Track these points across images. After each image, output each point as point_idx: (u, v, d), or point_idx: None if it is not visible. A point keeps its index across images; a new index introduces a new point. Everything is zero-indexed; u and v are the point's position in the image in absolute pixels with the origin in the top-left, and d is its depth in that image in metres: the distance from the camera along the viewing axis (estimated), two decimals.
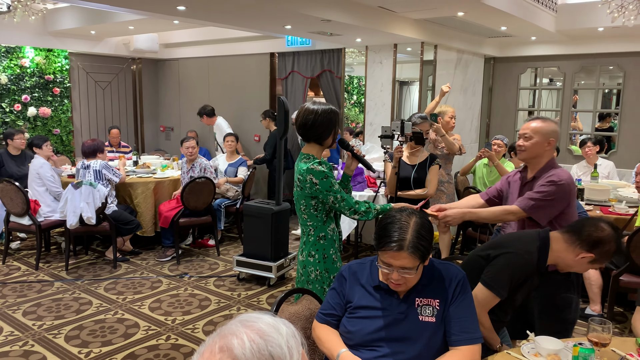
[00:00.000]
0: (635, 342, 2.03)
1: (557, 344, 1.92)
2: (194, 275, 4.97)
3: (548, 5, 5.65)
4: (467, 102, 6.93)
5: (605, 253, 2.01)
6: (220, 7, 4.10)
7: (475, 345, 1.79)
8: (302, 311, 2.16)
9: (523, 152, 2.65)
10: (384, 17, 5.05)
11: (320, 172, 2.46)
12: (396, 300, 1.83)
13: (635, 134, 6.47)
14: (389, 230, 1.74)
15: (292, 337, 0.86)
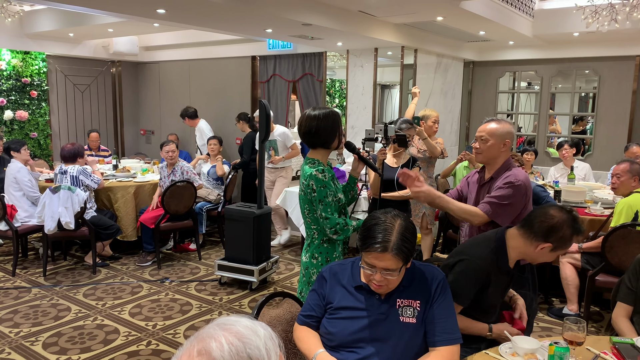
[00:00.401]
0: (609, 340, 2.08)
1: (534, 344, 1.95)
2: (175, 280, 4.93)
3: (525, 11, 5.76)
4: (447, 105, 7.02)
5: (561, 239, 2.02)
6: (200, 11, 4.09)
7: (454, 346, 1.81)
8: (284, 314, 2.16)
9: (480, 154, 2.68)
10: (364, 21, 5.09)
11: (320, 180, 2.47)
12: (377, 301, 1.84)
13: (610, 137, 6.63)
14: (374, 232, 1.75)
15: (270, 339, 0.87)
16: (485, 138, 2.64)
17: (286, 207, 5.58)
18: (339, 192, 2.59)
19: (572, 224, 2.02)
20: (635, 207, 3.75)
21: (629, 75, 6.42)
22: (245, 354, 0.82)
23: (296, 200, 5.49)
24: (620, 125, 6.52)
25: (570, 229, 2.01)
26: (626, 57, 6.38)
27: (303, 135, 2.57)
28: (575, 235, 2.02)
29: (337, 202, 2.55)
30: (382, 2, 4.33)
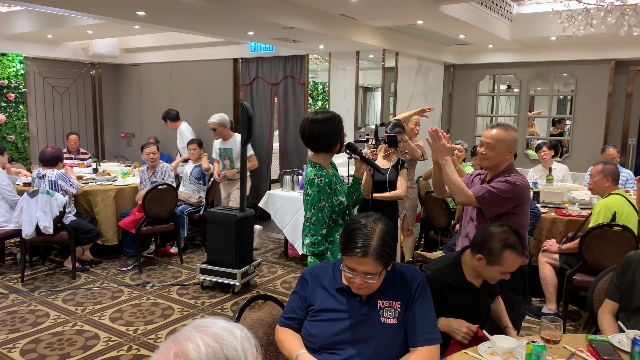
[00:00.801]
0: (585, 338, 2.12)
1: (512, 342, 1.99)
2: (157, 284, 4.89)
3: (504, 15, 5.85)
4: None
5: (489, 250, 2.11)
6: (180, 13, 4.07)
7: (434, 346, 1.84)
8: (265, 317, 2.16)
9: (486, 160, 2.72)
10: (345, 24, 5.12)
11: (315, 185, 2.50)
12: (358, 302, 1.86)
13: (587, 139, 6.76)
14: (355, 236, 1.76)
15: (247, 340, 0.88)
16: (492, 145, 2.68)
17: (269, 209, 5.58)
18: (341, 195, 2.60)
19: (503, 237, 2.10)
20: (613, 208, 3.83)
21: (605, 78, 6.56)
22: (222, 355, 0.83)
23: (279, 202, 5.49)
24: (597, 127, 6.66)
25: (500, 243, 2.09)
26: (602, 61, 6.51)
27: (307, 140, 2.59)
28: (506, 249, 2.09)
29: (338, 205, 2.57)
30: (363, 6, 4.36)
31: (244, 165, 4.74)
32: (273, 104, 7.07)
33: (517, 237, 2.13)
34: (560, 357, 1.94)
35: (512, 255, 2.10)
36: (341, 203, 2.59)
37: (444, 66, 7.41)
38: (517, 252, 2.10)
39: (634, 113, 6.66)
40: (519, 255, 2.11)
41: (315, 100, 10.51)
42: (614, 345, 2.06)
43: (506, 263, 2.11)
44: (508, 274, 2.16)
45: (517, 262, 2.12)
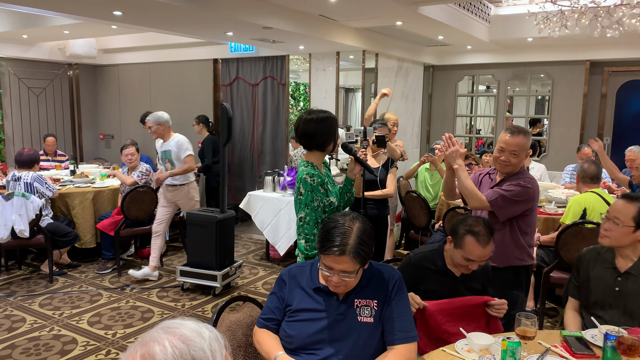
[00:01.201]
0: (560, 334, 2.16)
1: (488, 339, 2.01)
2: (136, 287, 4.84)
3: (481, 17, 5.92)
4: (408, 108, 7.13)
5: (455, 232, 2.25)
6: (158, 13, 4.03)
7: (411, 344, 1.85)
8: (244, 319, 2.15)
9: (509, 166, 2.71)
10: (325, 25, 5.13)
11: (308, 184, 2.54)
12: (335, 301, 1.86)
13: (564, 139, 6.88)
14: (332, 235, 1.77)
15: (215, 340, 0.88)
16: (517, 152, 2.69)
17: (249, 210, 5.56)
18: (332, 196, 2.62)
19: (469, 223, 2.23)
20: (583, 205, 3.91)
21: (580, 79, 6.69)
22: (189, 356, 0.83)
23: (260, 203, 5.48)
24: (573, 127, 6.78)
25: (465, 228, 2.22)
26: (577, 62, 6.64)
27: (300, 137, 2.62)
28: (468, 234, 2.19)
29: (329, 206, 2.59)
30: (342, 7, 4.38)
31: (224, 164, 4.72)
32: (254, 104, 7.05)
33: (486, 229, 2.22)
34: (535, 353, 1.97)
35: (472, 242, 2.19)
36: (332, 204, 2.61)
37: (423, 67, 7.47)
38: (477, 240, 2.19)
39: (608, 113, 6.80)
40: (480, 244, 2.19)
41: (297, 101, 10.51)
42: (588, 340, 2.10)
43: (466, 248, 2.21)
44: (472, 263, 2.23)
45: (478, 250, 2.19)
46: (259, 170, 6.95)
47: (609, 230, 2.32)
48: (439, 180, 5.69)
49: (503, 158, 2.71)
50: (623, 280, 2.32)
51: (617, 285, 2.32)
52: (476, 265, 2.25)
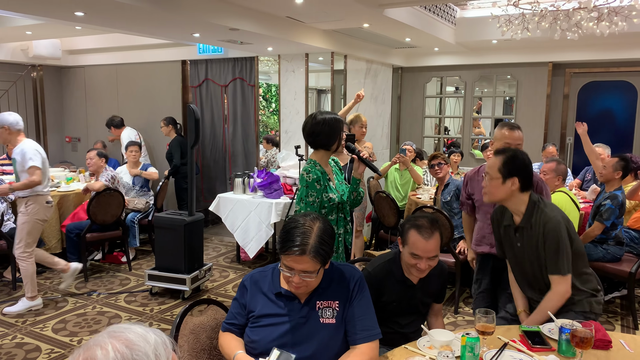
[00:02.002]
0: (518, 329, 2.22)
1: (448, 335, 2.05)
2: (104, 292, 4.75)
3: (447, 19, 6.02)
4: (378, 110, 7.20)
5: (402, 230, 2.25)
6: (121, 14, 3.97)
7: (373, 342, 1.87)
8: (208, 322, 2.15)
9: None
10: (293, 27, 5.14)
11: (304, 180, 2.68)
12: (297, 305, 1.87)
13: (528, 138, 7.02)
14: (292, 235, 1.77)
15: (162, 345, 0.88)
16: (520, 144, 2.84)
17: (220, 213, 5.53)
18: (332, 192, 2.75)
19: (413, 218, 2.23)
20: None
21: (543, 80, 6.87)
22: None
23: (230, 206, 5.45)
24: (537, 126, 6.96)
25: (409, 223, 2.22)
26: (540, 64, 6.82)
27: (307, 136, 2.77)
28: (411, 228, 2.19)
29: (327, 202, 2.72)
30: (308, 9, 4.39)
31: (192, 167, 4.68)
32: (224, 105, 7.01)
33: (429, 223, 2.18)
34: (495, 348, 2.02)
35: (415, 234, 2.16)
36: (331, 199, 2.72)
37: (392, 69, 7.55)
38: (419, 232, 2.15)
39: (570, 113, 7.00)
40: (422, 236, 2.15)
41: (269, 102, 10.48)
42: (545, 334, 2.16)
43: (410, 242, 2.18)
44: (420, 261, 2.17)
45: (420, 242, 2.14)
46: (231, 172, 6.92)
47: (485, 186, 2.47)
48: (409, 180, 5.77)
49: None
50: (519, 235, 2.43)
51: (517, 241, 2.46)
52: (424, 263, 2.18)
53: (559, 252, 2.30)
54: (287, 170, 5.67)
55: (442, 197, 4.76)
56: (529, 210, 2.38)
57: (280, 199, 5.28)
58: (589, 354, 2.00)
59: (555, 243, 2.30)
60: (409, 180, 5.79)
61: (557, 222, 2.32)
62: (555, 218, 2.33)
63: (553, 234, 2.30)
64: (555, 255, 2.31)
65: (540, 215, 2.35)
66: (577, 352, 1.94)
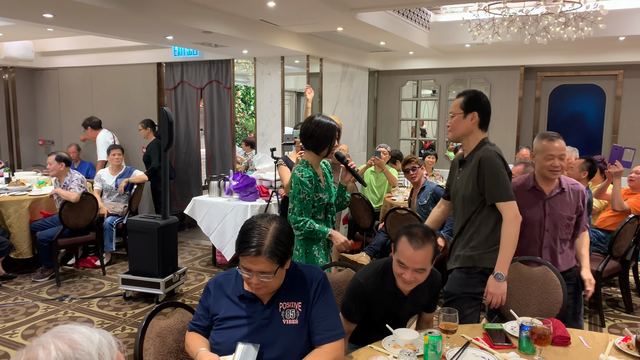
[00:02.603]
0: (482, 327, 2.27)
1: (413, 334, 2.09)
2: (76, 297, 4.69)
3: (421, 23, 6.11)
4: (354, 112, 7.26)
5: (397, 243, 2.15)
6: (91, 17, 3.94)
7: (338, 342, 1.89)
8: (175, 324, 2.15)
9: (558, 172, 2.75)
10: (267, 30, 5.15)
11: (297, 179, 2.77)
12: (260, 306, 1.88)
13: (502, 141, 7.17)
14: (248, 236, 1.78)
15: (107, 346, 0.89)
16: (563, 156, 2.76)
17: (195, 216, 5.50)
18: (322, 193, 2.84)
19: (406, 226, 2.19)
20: None
21: (515, 83, 7.01)
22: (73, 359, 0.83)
23: (205, 209, 5.43)
24: (510, 129, 7.09)
25: (402, 230, 2.17)
26: (512, 67, 6.95)
27: (301, 136, 2.87)
28: (402, 235, 2.13)
29: (317, 201, 2.82)
30: (281, 12, 4.42)
31: (165, 173, 4.66)
32: (199, 108, 6.98)
33: (422, 232, 2.11)
34: (458, 346, 2.06)
35: (405, 243, 2.09)
36: (321, 199, 2.82)
37: (368, 72, 7.62)
38: (409, 240, 2.08)
39: (542, 116, 7.15)
40: (411, 244, 2.07)
41: (247, 105, 10.47)
42: (507, 332, 2.21)
43: (399, 249, 2.11)
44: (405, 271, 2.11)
45: (408, 250, 2.07)
46: (210, 174, 6.89)
47: (449, 125, 2.61)
48: (385, 182, 5.83)
49: (556, 164, 2.71)
50: (462, 169, 2.63)
51: (458, 174, 2.65)
52: (409, 274, 2.09)
53: (497, 179, 2.44)
54: (263, 173, 5.67)
55: (419, 200, 4.79)
56: (478, 147, 2.55)
57: (256, 202, 5.28)
58: (549, 350, 2.05)
59: (490, 171, 2.44)
60: (384, 183, 5.85)
61: (492, 154, 2.46)
62: (491, 151, 2.48)
63: (487, 162, 2.45)
64: (494, 182, 2.44)
65: (482, 150, 2.51)
66: (536, 348, 1.99)
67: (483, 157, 2.46)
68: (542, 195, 2.81)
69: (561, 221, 2.80)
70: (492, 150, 2.50)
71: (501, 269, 2.47)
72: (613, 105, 6.76)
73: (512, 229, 2.45)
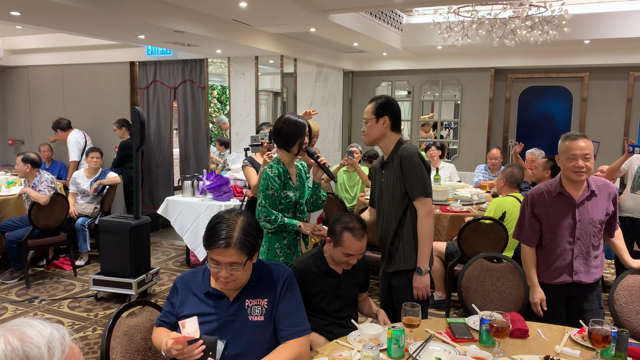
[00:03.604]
0: (445, 322, 2.34)
1: (377, 329, 2.14)
2: (46, 299, 4.63)
3: (394, 25, 6.19)
4: (329, 113, 7.31)
5: (333, 232, 2.38)
6: (60, 15, 3.89)
7: (303, 337, 1.93)
8: (143, 323, 2.16)
9: (584, 172, 2.54)
10: (240, 30, 5.17)
11: (266, 174, 2.81)
12: (226, 303, 1.91)
13: (473, 141, 7.32)
14: (217, 230, 1.81)
15: (59, 340, 0.91)
16: (589, 155, 2.55)
17: (168, 216, 5.48)
18: (290, 191, 2.86)
19: (345, 221, 2.37)
20: (504, 208, 4.17)
21: (486, 84, 7.15)
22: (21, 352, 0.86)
23: (179, 209, 5.41)
24: (481, 129, 7.23)
25: (342, 225, 2.36)
26: (483, 69, 7.10)
27: (272, 134, 2.99)
28: (345, 231, 2.33)
29: (284, 199, 2.84)
30: (254, 13, 4.44)
31: (137, 173, 4.63)
32: (172, 107, 6.94)
33: (360, 224, 2.38)
34: (421, 340, 2.12)
35: (350, 237, 2.33)
36: (288, 197, 2.84)
37: (343, 72, 7.68)
38: (354, 235, 2.33)
39: (512, 116, 7.31)
40: (356, 238, 2.33)
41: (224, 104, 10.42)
42: (469, 325, 2.29)
43: (345, 244, 2.34)
44: (352, 258, 2.37)
45: (355, 244, 2.33)
46: (183, 174, 6.85)
47: (364, 130, 2.68)
48: (358, 181, 5.89)
49: (580, 164, 2.52)
50: (385, 171, 2.69)
51: (382, 177, 2.70)
52: (355, 259, 2.39)
53: (416, 175, 2.53)
54: (237, 173, 5.67)
55: None
56: (395, 148, 2.62)
57: (230, 202, 5.28)
58: (508, 342, 2.13)
59: (410, 168, 2.54)
60: (357, 182, 5.91)
61: (412, 152, 2.55)
62: (411, 149, 2.57)
63: (407, 160, 2.54)
64: (413, 178, 2.54)
65: (401, 148, 2.59)
66: (495, 341, 2.06)
67: (403, 155, 2.55)
68: (570, 201, 2.60)
69: (593, 227, 2.61)
70: (410, 149, 2.58)
71: (421, 264, 2.57)
72: (580, 106, 6.96)
73: (426, 225, 2.54)
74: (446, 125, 8.14)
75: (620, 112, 6.75)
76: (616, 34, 5.65)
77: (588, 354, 2.02)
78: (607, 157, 6.22)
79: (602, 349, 1.96)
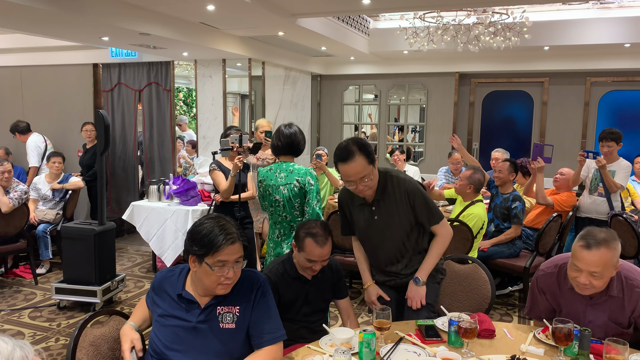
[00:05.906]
0: (415, 324, 2.37)
1: (348, 333, 2.16)
2: (5, 309, 4.47)
3: (361, 29, 6.25)
4: (298, 116, 7.32)
5: (297, 237, 2.42)
6: (19, 15, 3.76)
7: (277, 344, 1.93)
8: (110, 332, 2.11)
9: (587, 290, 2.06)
10: (208, 33, 5.12)
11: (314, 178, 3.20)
12: (197, 309, 1.89)
13: (438, 144, 7.46)
14: (215, 234, 1.81)
15: (22, 358, 0.89)
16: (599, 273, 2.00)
17: (134, 222, 5.36)
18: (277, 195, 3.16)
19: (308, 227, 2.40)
20: (483, 219, 4.21)
21: (451, 89, 7.30)
22: None
23: (145, 214, 5.30)
24: (446, 133, 7.37)
25: (304, 231, 2.39)
26: (448, 73, 7.24)
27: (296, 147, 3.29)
28: (307, 237, 2.36)
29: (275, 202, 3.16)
30: (221, 16, 4.41)
31: (102, 175, 4.53)
32: (137, 110, 6.81)
33: (323, 230, 2.39)
34: (392, 342, 2.15)
35: (311, 244, 2.35)
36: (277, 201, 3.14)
37: (311, 76, 7.70)
38: (316, 241, 2.34)
39: (476, 120, 7.49)
40: (318, 245, 2.35)
41: (190, 107, 10.29)
42: (438, 327, 2.33)
43: (307, 250, 2.36)
44: (315, 264, 2.38)
45: (317, 250, 2.34)
46: (148, 178, 6.73)
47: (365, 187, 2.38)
48: (327, 183, 5.91)
49: (585, 281, 2.03)
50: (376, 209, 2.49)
51: (374, 214, 2.50)
52: (319, 265, 2.39)
53: (428, 204, 2.48)
54: (204, 177, 5.61)
55: None
56: (382, 182, 2.44)
57: (198, 206, 5.21)
58: (476, 343, 2.18)
59: (421, 198, 2.47)
60: (326, 184, 5.93)
61: (414, 183, 2.50)
62: (409, 180, 2.51)
63: (416, 192, 2.47)
64: (426, 208, 2.48)
65: (396, 181, 2.47)
66: (464, 342, 2.11)
67: (410, 188, 2.45)
68: (581, 297, 2.17)
69: (612, 329, 2.14)
70: (405, 179, 2.48)
71: (421, 275, 2.52)
72: (540, 110, 7.18)
73: (446, 243, 2.53)
74: (412, 129, 8.26)
75: (578, 115, 7.00)
76: (574, 40, 5.87)
77: (552, 352, 2.09)
78: (565, 160, 6.44)
79: (565, 347, 2.03)
